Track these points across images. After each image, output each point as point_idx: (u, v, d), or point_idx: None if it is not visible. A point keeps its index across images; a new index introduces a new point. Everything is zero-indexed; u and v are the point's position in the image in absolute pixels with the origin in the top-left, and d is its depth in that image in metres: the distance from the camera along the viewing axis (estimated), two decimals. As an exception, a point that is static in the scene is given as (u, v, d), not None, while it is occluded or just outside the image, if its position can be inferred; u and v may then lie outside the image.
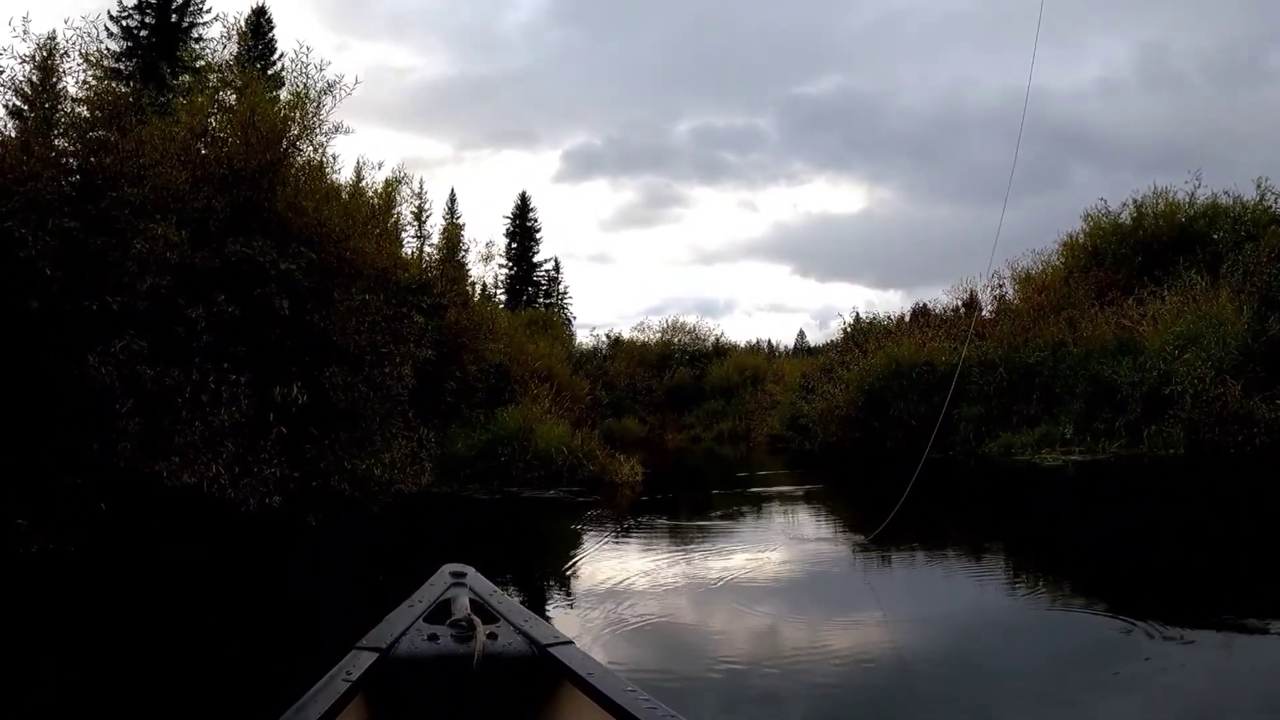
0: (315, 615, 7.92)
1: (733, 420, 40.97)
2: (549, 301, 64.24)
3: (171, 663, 6.40)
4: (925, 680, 5.71)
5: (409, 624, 2.85)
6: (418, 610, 2.97)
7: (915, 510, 13.89)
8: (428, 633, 2.80)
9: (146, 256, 11.93)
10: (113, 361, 11.51)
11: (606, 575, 9.71)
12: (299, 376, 12.95)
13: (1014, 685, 5.52)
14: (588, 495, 17.20)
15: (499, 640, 2.80)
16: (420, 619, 2.90)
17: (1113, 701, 5.08)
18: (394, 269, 16.68)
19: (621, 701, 2.42)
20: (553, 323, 43.71)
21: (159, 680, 5.95)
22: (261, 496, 12.05)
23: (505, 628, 2.91)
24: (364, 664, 2.58)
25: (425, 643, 2.75)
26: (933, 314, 34.04)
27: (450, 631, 2.80)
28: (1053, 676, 5.60)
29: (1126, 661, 5.78)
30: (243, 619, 7.95)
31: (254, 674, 5.93)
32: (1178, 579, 8.45)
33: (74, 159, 13.16)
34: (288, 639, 7.07)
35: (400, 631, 2.79)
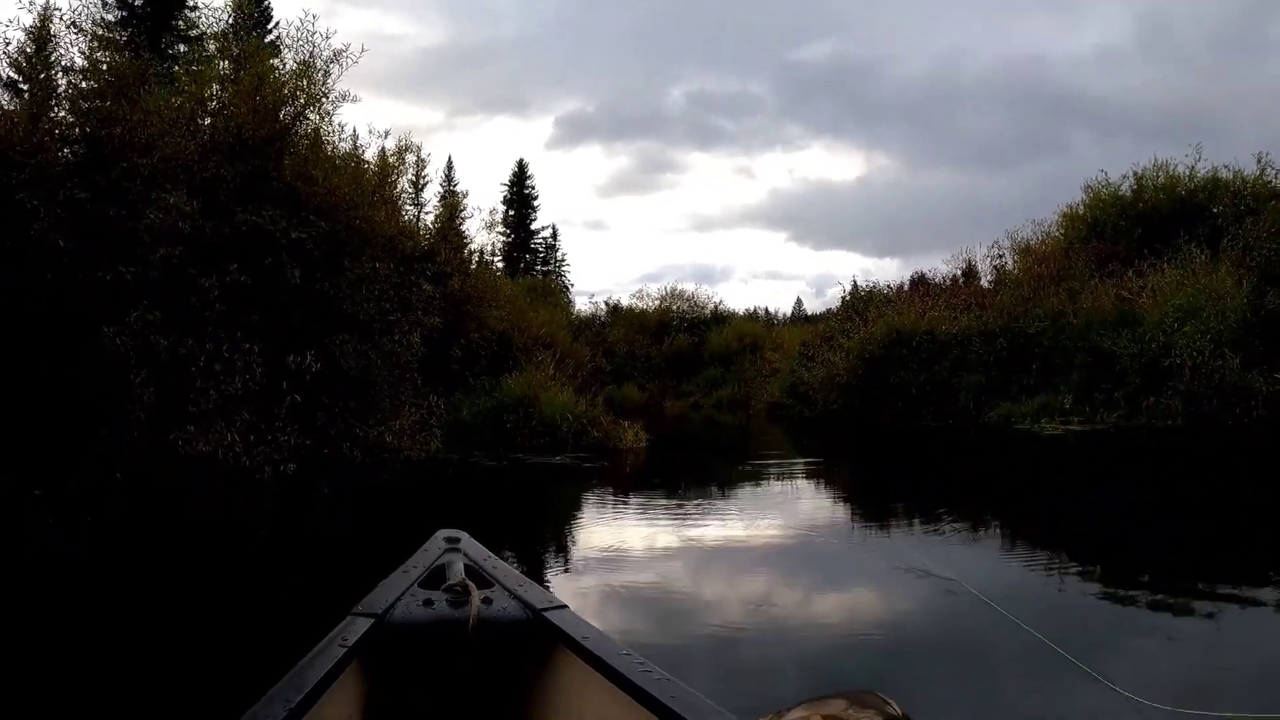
0: (317, 580, 7.99)
1: (732, 388, 40.98)
2: (547, 269, 63.98)
3: (172, 627, 6.47)
4: (917, 648, 5.78)
5: (404, 589, 2.86)
6: (413, 576, 2.99)
7: (916, 480, 14.08)
8: (423, 598, 2.81)
9: (159, 227, 12.02)
10: (128, 332, 11.61)
11: (603, 541, 9.82)
12: (311, 345, 13.07)
13: (1009, 652, 5.56)
14: (593, 461, 17.32)
15: (494, 605, 2.82)
16: (415, 584, 2.92)
17: (1110, 665, 5.19)
18: (401, 237, 16.76)
19: (617, 665, 2.43)
20: (552, 290, 43.61)
21: (157, 644, 6.03)
22: (276, 464, 12.20)
23: (500, 593, 2.93)
24: (360, 630, 2.60)
25: (420, 608, 2.76)
26: (932, 283, 34.05)
27: (445, 597, 2.81)
28: (1048, 643, 5.65)
29: (1121, 629, 5.93)
30: (247, 583, 8.07)
31: (253, 638, 6.00)
32: (1174, 550, 8.56)
33: (81, 130, 13.16)
34: (288, 603, 7.15)
35: (395, 597, 2.80)
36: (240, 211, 13.08)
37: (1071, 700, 4.67)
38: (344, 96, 15.79)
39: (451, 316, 19.89)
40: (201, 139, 13.86)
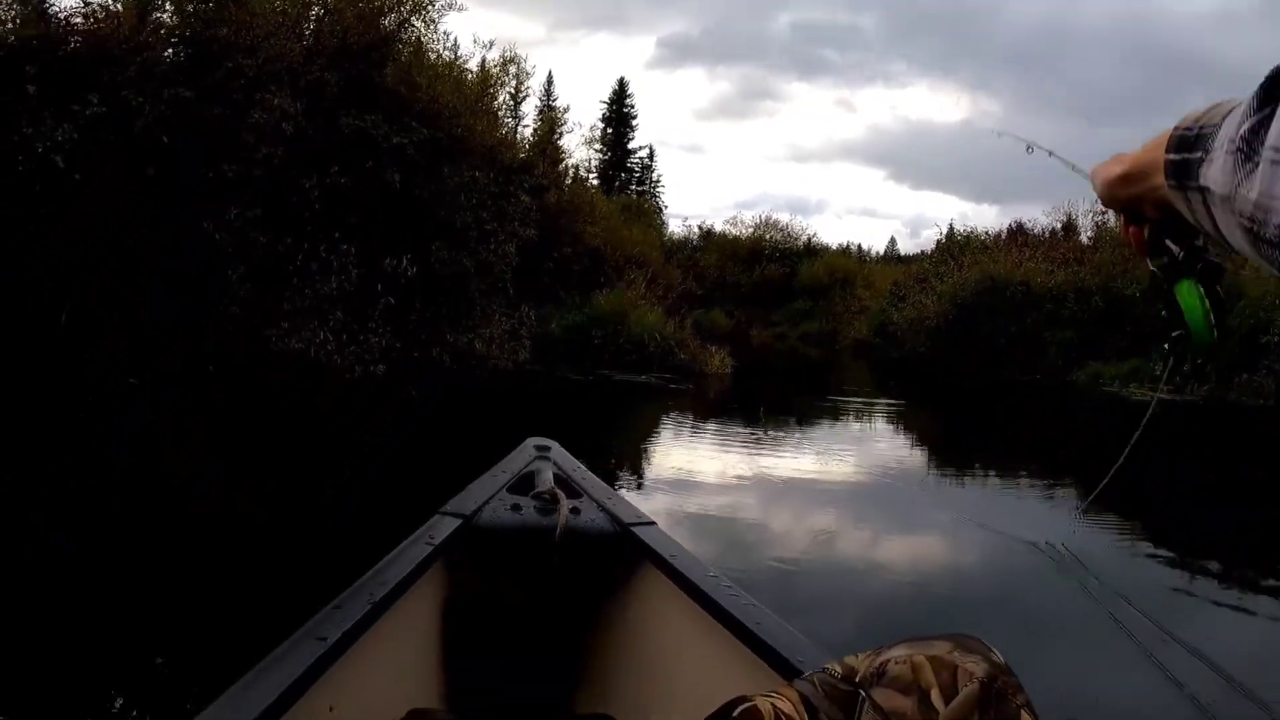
0: (403, 480, 8.18)
1: (820, 321, 40.70)
2: (641, 189, 63.56)
3: (267, 518, 6.72)
4: (980, 601, 5.78)
5: (492, 493, 2.84)
6: (501, 481, 2.95)
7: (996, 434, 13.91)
8: (510, 503, 2.79)
9: (262, 127, 12.15)
10: (227, 228, 11.82)
11: (679, 463, 9.94)
12: (407, 249, 13.23)
13: (1069, 612, 5.59)
14: (677, 383, 17.43)
15: (581, 515, 2.78)
16: (504, 489, 2.89)
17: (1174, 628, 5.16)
18: (500, 148, 16.79)
19: (704, 586, 2.39)
20: (646, 211, 43.38)
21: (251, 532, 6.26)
22: (367, 364, 12.44)
23: (588, 503, 2.89)
24: (447, 529, 2.60)
25: (508, 512, 2.74)
26: (1030, 233, 33.34)
27: (533, 503, 2.78)
28: (1107, 607, 5.61)
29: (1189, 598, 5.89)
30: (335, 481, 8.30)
31: (340, 534, 6.17)
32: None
33: (187, 30, 13.27)
34: (375, 502, 7.34)
35: (484, 500, 2.79)
36: (343, 115, 13.19)
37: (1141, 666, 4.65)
38: (449, 4, 15.76)
39: (546, 230, 19.94)
40: (306, 43, 13.95)
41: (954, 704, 1.19)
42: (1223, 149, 0.73)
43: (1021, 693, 1.20)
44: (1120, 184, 1.03)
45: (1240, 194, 0.69)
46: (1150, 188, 0.94)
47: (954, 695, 1.19)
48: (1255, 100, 0.69)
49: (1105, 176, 1.06)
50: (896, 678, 1.25)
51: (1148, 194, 0.97)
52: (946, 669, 1.22)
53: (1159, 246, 1.05)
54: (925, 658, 1.25)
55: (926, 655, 1.25)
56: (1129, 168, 1.00)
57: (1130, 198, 1.03)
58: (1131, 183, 1.00)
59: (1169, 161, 0.84)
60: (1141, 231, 1.07)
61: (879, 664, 1.29)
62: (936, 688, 1.21)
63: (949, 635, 1.29)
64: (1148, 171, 0.94)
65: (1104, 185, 1.07)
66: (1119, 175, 1.03)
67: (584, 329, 19.99)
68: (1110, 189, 1.06)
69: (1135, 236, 1.08)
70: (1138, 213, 1.05)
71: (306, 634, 1.85)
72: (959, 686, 1.20)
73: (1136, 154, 0.98)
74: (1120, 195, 1.04)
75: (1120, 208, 1.08)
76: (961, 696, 1.19)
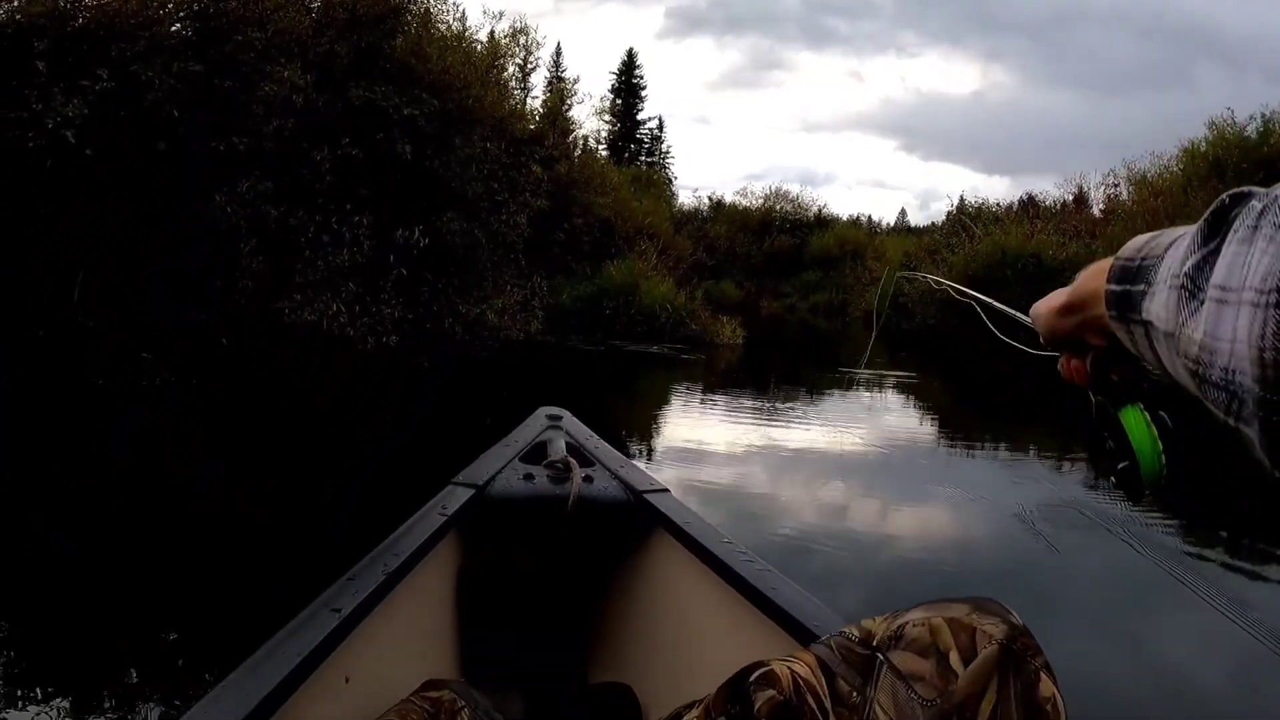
0: (416, 450, 8.22)
1: (830, 293, 40.59)
2: (651, 160, 63.41)
3: (280, 495, 6.73)
4: (984, 570, 5.80)
5: (505, 463, 2.85)
6: (513, 450, 2.97)
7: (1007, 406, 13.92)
8: (523, 472, 2.80)
9: (273, 99, 12.14)
10: (238, 201, 11.83)
11: (692, 434, 9.97)
12: (418, 220, 13.25)
13: (1078, 583, 5.61)
14: (689, 353, 17.45)
15: (594, 484, 2.79)
16: (516, 458, 2.91)
17: (1169, 600, 5.19)
18: (511, 119, 16.77)
19: (718, 552, 2.38)
20: (656, 182, 43.29)
21: (265, 508, 6.29)
22: (380, 335, 12.49)
23: (601, 472, 2.90)
24: (460, 499, 2.61)
25: (521, 482, 2.75)
26: (1041, 205, 33.22)
27: (546, 472, 2.79)
28: (1117, 578, 5.69)
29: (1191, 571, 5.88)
30: (349, 451, 8.35)
31: (356, 503, 6.22)
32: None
33: (196, 3, 13.22)
34: (388, 471, 7.38)
35: (496, 470, 2.79)
36: (353, 87, 13.17)
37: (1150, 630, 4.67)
38: (460, -25, 15.70)
39: (557, 200, 19.94)
40: (315, 14, 13.92)
41: (973, 666, 1.20)
42: (1165, 283, 0.71)
43: (1040, 654, 1.21)
44: (1062, 313, 1.02)
45: (1184, 334, 0.67)
46: (1092, 317, 0.94)
47: (973, 657, 1.20)
48: (1200, 234, 0.67)
49: (1047, 308, 1.05)
50: (914, 640, 1.26)
51: (1089, 323, 0.96)
52: (965, 631, 1.23)
53: (1102, 376, 1.03)
54: (943, 620, 1.25)
55: (945, 618, 1.25)
56: (1070, 298, 0.99)
57: (1072, 328, 1.01)
58: (1073, 312, 0.99)
59: (1110, 292, 0.83)
60: (1084, 363, 1.05)
61: (897, 627, 1.30)
62: (955, 650, 1.21)
63: (967, 598, 1.29)
64: (1089, 301, 0.94)
65: (1046, 316, 1.06)
66: (1061, 305, 1.02)
67: (595, 300, 20.02)
68: (1051, 320, 1.04)
69: (1077, 370, 1.06)
70: (1080, 343, 1.03)
71: (321, 605, 1.85)
72: (978, 649, 1.20)
73: (1077, 284, 0.98)
74: (1061, 326, 1.03)
75: (1061, 339, 1.06)
76: (980, 658, 1.19)
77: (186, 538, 5.46)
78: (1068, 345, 1.06)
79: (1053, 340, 1.08)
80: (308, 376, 11.60)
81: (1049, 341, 1.10)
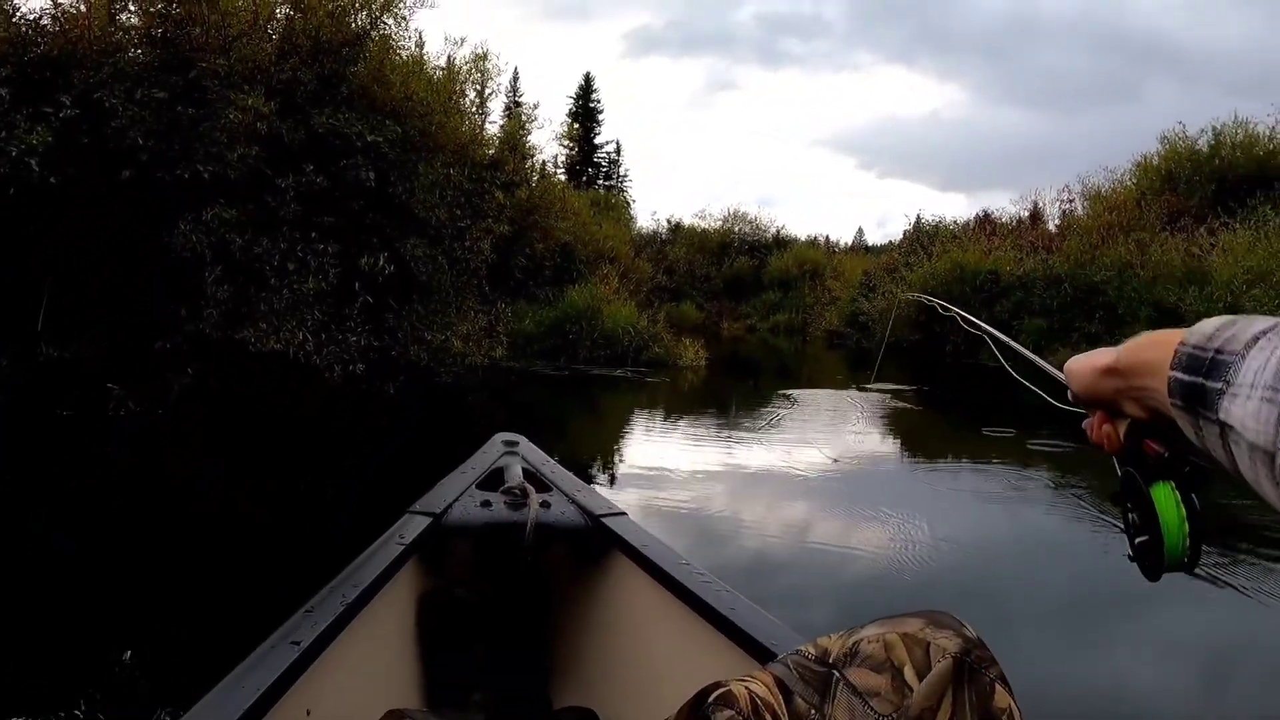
0: (378, 478, 8.20)
1: (790, 313, 40.97)
2: (609, 184, 63.48)
3: (239, 517, 6.76)
4: (948, 586, 5.80)
5: (462, 490, 2.87)
6: (470, 477, 2.98)
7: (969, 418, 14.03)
8: (481, 499, 2.80)
9: (236, 127, 12.08)
10: (203, 229, 11.75)
11: (651, 457, 10.01)
12: (382, 248, 13.23)
13: (1038, 596, 5.67)
14: (654, 376, 17.52)
15: (552, 509, 2.80)
16: (473, 485, 2.92)
17: (1123, 621, 5.24)
18: (473, 145, 16.80)
19: (676, 575, 2.40)
20: (614, 205, 43.47)
21: (225, 532, 6.30)
22: (346, 364, 12.44)
23: (558, 497, 2.91)
24: (418, 528, 2.60)
25: (478, 509, 2.75)
26: (997, 222, 33.73)
27: (503, 499, 2.80)
28: (1075, 590, 5.74)
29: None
30: (310, 480, 8.33)
31: (314, 534, 6.20)
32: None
33: (159, 30, 13.13)
34: (347, 500, 7.39)
35: (454, 497, 2.80)
36: (316, 114, 13.15)
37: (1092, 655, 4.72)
38: (421, 2, 15.71)
39: (518, 225, 19.98)
40: (274, 41, 13.90)
41: (927, 680, 1.22)
42: (1256, 392, 0.67)
43: (995, 665, 1.23)
44: (1104, 375, 0.97)
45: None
46: (1137, 387, 0.91)
47: (927, 671, 1.22)
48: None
49: (1088, 367, 1.01)
50: (869, 656, 1.28)
51: (1132, 392, 0.93)
52: (919, 645, 1.25)
53: (1136, 448, 0.98)
54: (898, 635, 1.27)
55: (899, 633, 1.27)
56: (1117, 362, 0.95)
57: (1112, 392, 0.97)
58: (1117, 377, 0.95)
59: (1176, 380, 0.78)
60: (1116, 431, 1.00)
61: (852, 644, 1.32)
62: (910, 664, 1.24)
63: (921, 612, 1.31)
64: (1138, 371, 0.90)
65: (1085, 375, 1.01)
66: (1104, 366, 0.98)
67: (558, 324, 20.10)
68: (1091, 379, 1.00)
69: (1108, 436, 1.01)
70: (1115, 409, 0.99)
71: (280, 638, 1.86)
72: (932, 662, 1.23)
73: (1128, 349, 0.94)
74: (1101, 388, 0.99)
75: (1097, 401, 1.01)
76: (935, 672, 1.22)
77: (148, 564, 5.47)
78: (1102, 408, 1.02)
79: (1086, 400, 1.04)
80: (273, 405, 11.56)
81: (1080, 399, 1.05)
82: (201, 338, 11.66)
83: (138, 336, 11.52)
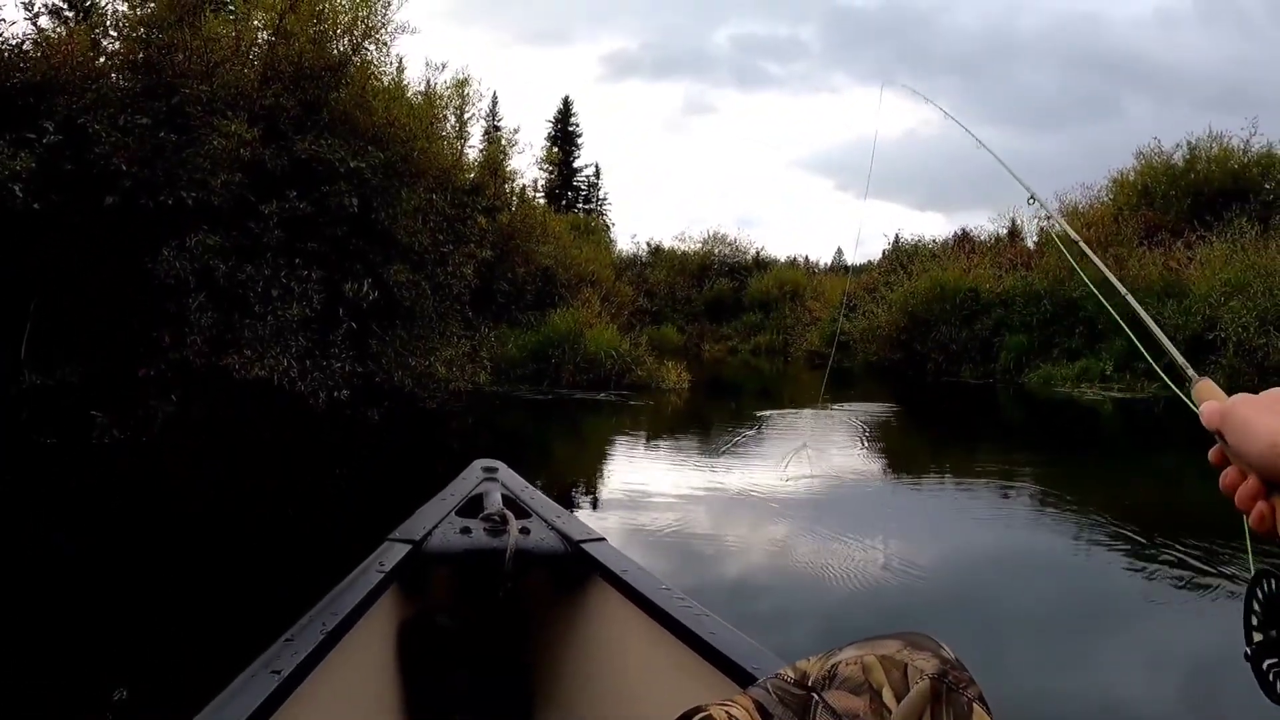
0: (361, 504, 8.23)
1: (771, 334, 41.05)
2: (589, 207, 63.52)
3: (220, 545, 6.75)
4: (926, 603, 5.81)
5: (441, 517, 2.87)
6: (450, 504, 2.99)
7: (951, 437, 14.07)
8: (460, 526, 2.80)
9: (221, 153, 12.07)
10: (187, 256, 11.72)
11: (634, 480, 10.04)
12: (365, 274, 13.22)
13: (1016, 613, 5.67)
14: (637, 399, 17.53)
15: (532, 535, 2.80)
16: (453, 512, 2.92)
17: (1107, 634, 5.30)
18: (454, 170, 16.83)
19: (656, 599, 2.40)
20: (594, 229, 43.51)
21: (207, 560, 6.30)
22: (330, 390, 12.40)
23: (538, 523, 2.92)
24: (397, 555, 2.60)
25: (458, 535, 2.75)
26: (976, 240, 33.96)
27: (483, 525, 2.80)
28: (1057, 610, 5.74)
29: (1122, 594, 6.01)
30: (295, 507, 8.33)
31: (294, 562, 6.19)
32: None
33: (141, 56, 13.11)
34: (331, 527, 7.36)
35: (433, 524, 2.80)
36: (299, 140, 13.16)
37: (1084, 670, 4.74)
38: (402, 28, 15.75)
39: (500, 250, 20.00)
40: (259, 68, 13.92)
41: (905, 701, 1.22)
42: None
43: (973, 686, 1.23)
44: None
45: None
46: None
47: (905, 692, 1.23)
48: None
49: (1268, 430, 0.77)
50: (848, 679, 1.28)
51: None
52: (897, 667, 1.26)
53: None
54: (876, 657, 1.28)
55: (877, 655, 1.28)
56: None
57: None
58: None
59: None
60: (1276, 510, 0.77)
61: (830, 666, 1.32)
62: (888, 686, 1.24)
63: (899, 634, 1.32)
64: None
65: (1261, 438, 0.77)
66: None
67: (541, 349, 20.09)
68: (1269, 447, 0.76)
69: (1263, 514, 0.78)
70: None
71: (261, 667, 1.86)
72: (910, 684, 1.23)
73: None
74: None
75: (1266, 471, 0.78)
76: (913, 693, 1.22)
77: (129, 589, 5.47)
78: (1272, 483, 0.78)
79: (1250, 464, 0.80)
80: (258, 432, 11.53)
81: (1237, 457, 0.82)
82: (185, 365, 11.61)
83: (121, 363, 11.49)
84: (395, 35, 15.70)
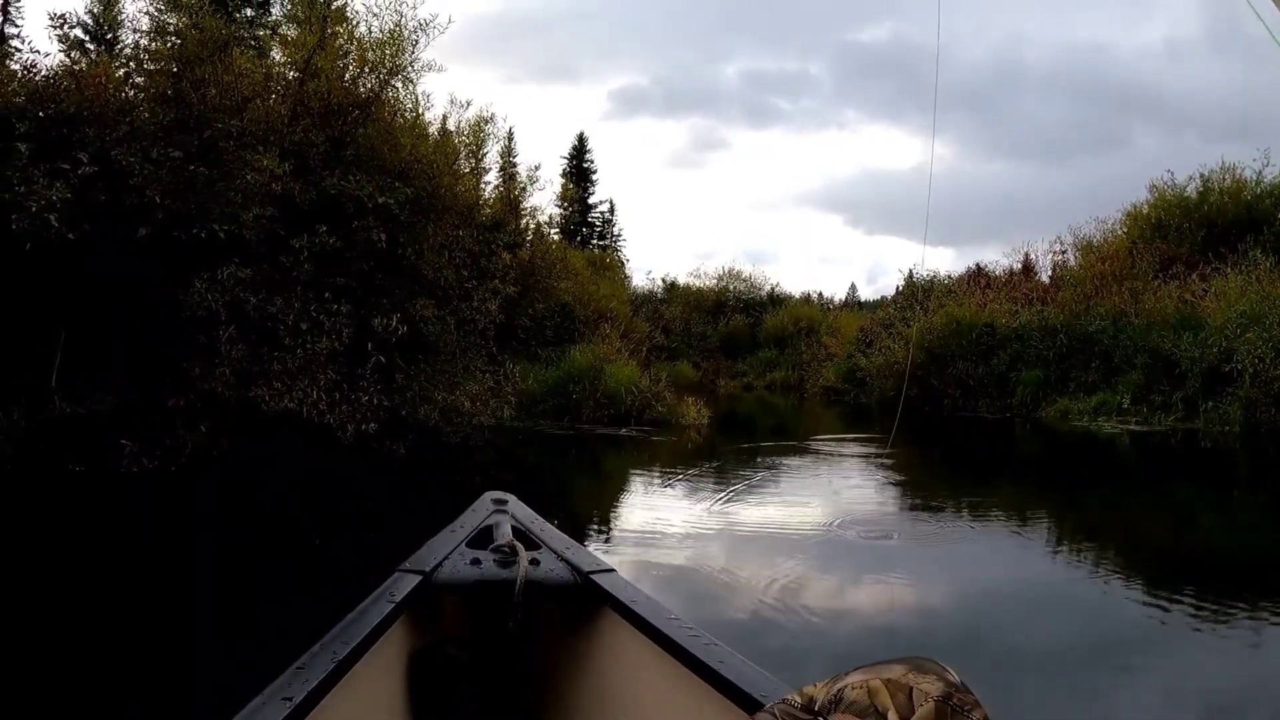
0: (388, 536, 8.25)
1: (786, 370, 41.07)
2: (604, 243, 63.73)
3: (236, 574, 6.89)
4: (943, 649, 5.75)
5: (452, 548, 2.88)
6: (460, 535, 3.00)
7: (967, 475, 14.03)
8: (470, 557, 2.82)
9: (252, 187, 12.21)
10: (218, 288, 11.84)
11: (648, 516, 10.05)
12: (393, 308, 13.33)
13: (1035, 656, 5.61)
14: (658, 435, 17.58)
15: (541, 566, 2.82)
16: (463, 544, 2.93)
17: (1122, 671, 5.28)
18: (479, 206, 16.98)
19: (665, 630, 2.41)
20: (610, 265, 43.66)
21: (223, 586, 6.41)
22: (359, 423, 12.48)
23: (547, 554, 2.93)
24: (407, 586, 2.61)
25: (468, 567, 2.77)
26: (990, 275, 34.00)
27: (493, 557, 2.82)
28: (1074, 651, 5.64)
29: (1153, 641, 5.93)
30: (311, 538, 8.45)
31: (305, 592, 6.27)
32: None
33: (172, 90, 13.29)
34: (341, 558, 7.46)
35: (443, 555, 2.82)
36: (328, 175, 13.32)
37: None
38: (429, 66, 15.93)
39: (521, 286, 20.12)
40: (289, 104, 14.10)
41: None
42: None
43: (979, 709, 1.24)
44: None
45: None
46: None
47: (910, 715, 1.23)
48: None
49: None
50: (854, 703, 1.29)
51: None
52: (902, 691, 1.26)
53: None
54: (881, 681, 1.31)
55: (882, 679, 1.31)
56: None
57: None
58: None
59: None
60: None
61: (836, 690, 1.33)
62: (894, 709, 1.24)
63: (904, 658, 1.35)
64: None
65: None
66: None
67: (561, 384, 20.14)
68: None
69: None
70: None
71: (272, 695, 1.89)
72: (915, 706, 1.23)
73: None
74: None
75: None
76: (918, 716, 1.22)
77: (148, 614, 5.54)
78: None
79: None
80: (285, 464, 11.62)
81: None
82: (215, 395, 11.71)
83: (151, 393, 11.59)
84: (421, 74, 15.92)
